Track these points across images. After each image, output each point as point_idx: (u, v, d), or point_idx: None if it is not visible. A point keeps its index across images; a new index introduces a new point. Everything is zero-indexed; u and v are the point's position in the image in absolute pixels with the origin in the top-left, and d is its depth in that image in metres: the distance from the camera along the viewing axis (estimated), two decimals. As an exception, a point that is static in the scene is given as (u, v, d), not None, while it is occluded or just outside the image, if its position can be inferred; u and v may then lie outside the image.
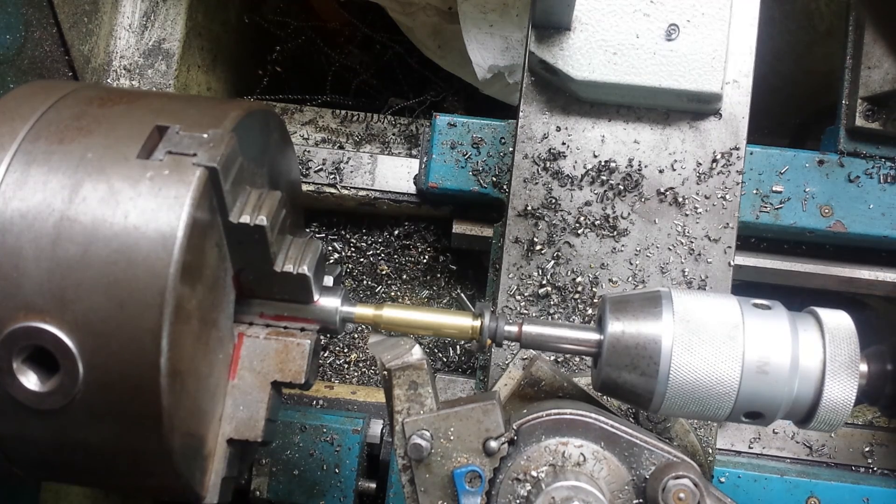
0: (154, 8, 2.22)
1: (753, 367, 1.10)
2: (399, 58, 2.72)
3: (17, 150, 1.07)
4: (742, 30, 1.51)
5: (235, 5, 2.69)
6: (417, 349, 1.21)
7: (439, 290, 2.40)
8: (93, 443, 1.08)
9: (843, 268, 2.05)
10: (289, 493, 1.95)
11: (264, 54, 2.59)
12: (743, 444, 2.08)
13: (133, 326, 0.99)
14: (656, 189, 1.53)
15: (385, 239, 2.39)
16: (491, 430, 1.17)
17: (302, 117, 2.29)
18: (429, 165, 2.04)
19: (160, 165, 1.04)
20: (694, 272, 1.51)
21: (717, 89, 1.46)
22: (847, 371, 1.11)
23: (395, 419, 1.19)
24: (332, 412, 2.06)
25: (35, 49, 1.85)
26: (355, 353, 2.35)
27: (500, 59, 2.28)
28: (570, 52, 1.46)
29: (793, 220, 1.94)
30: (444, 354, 2.35)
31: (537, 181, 1.55)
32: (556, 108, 1.55)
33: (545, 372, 1.36)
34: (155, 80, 2.21)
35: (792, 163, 1.95)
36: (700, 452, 1.45)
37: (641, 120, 1.54)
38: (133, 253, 1.00)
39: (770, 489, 1.89)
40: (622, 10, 1.46)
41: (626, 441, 1.19)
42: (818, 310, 1.16)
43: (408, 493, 1.19)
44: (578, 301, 1.53)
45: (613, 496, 1.17)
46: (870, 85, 1.92)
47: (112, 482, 1.27)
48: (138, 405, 1.02)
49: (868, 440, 2.06)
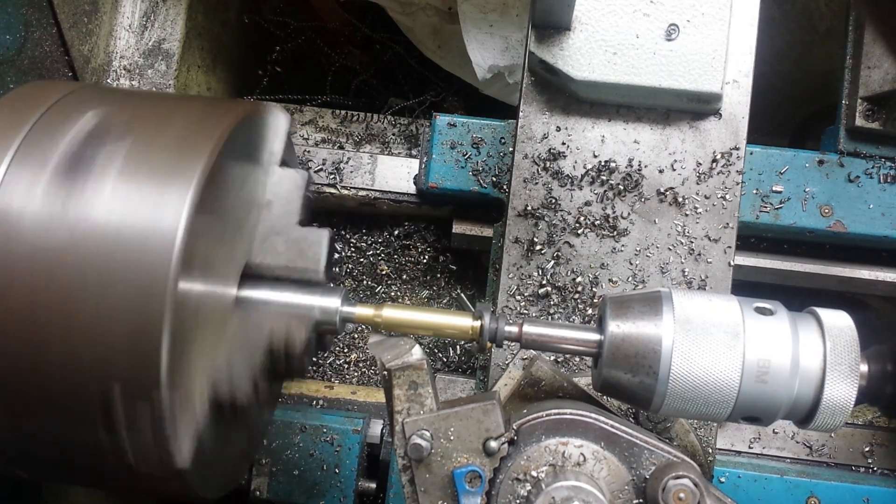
0: (154, 8, 2.22)
1: (754, 367, 1.10)
2: (399, 58, 2.72)
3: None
4: (742, 30, 1.51)
5: (235, 5, 2.69)
6: (417, 349, 1.21)
7: (439, 290, 2.40)
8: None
9: (843, 268, 2.05)
10: (289, 493, 1.95)
11: (264, 54, 2.58)
12: (743, 444, 2.08)
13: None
14: (656, 189, 1.53)
15: (385, 239, 2.39)
16: (491, 430, 1.17)
17: (302, 117, 2.29)
18: (429, 165, 2.04)
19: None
20: (694, 272, 1.51)
21: (717, 89, 1.46)
22: (847, 371, 1.11)
23: (395, 419, 1.19)
24: (332, 412, 2.06)
25: (35, 49, 1.85)
26: (355, 353, 2.35)
27: (500, 59, 2.28)
28: (570, 52, 1.46)
29: (793, 220, 1.94)
30: (444, 354, 2.35)
31: (537, 181, 1.55)
32: (556, 108, 1.55)
33: (545, 372, 1.36)
34: (155, 81, 2.21)
35: (792, 163, 1.95)
36: (700, 452, 1.45)
37: (641, 120, 1.54)
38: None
39: (770, 489, 1.89)
40: (622, 10, 1.46)
41: (626, 441, 1.19)
42: (818, 310, 1.16)
43: (408, 493, 1.19)
44: (578, 301, 1.53)
45: (613, 496, 1.17)
46: (870, 85, 1.92)
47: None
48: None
49: (868, 440, 2.06)
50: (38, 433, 1.10)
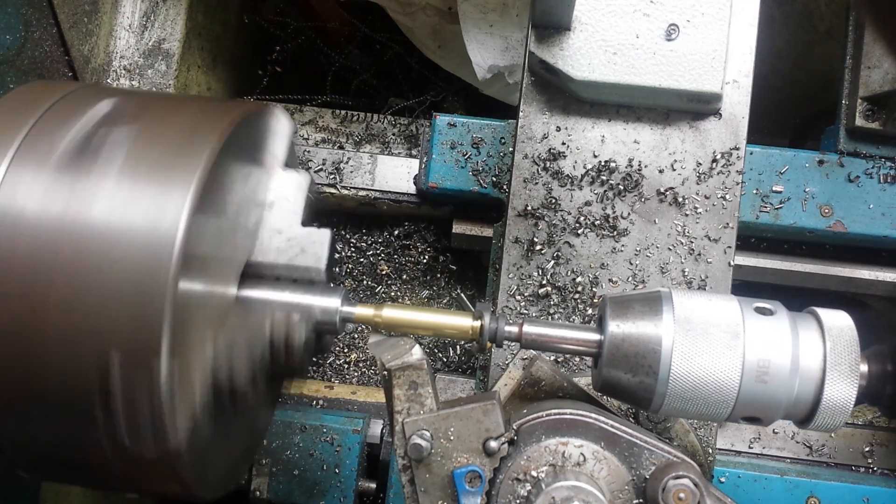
0: (154, 8, 2.22)
1: (754, 367, 1.10)
2: (399, 58, 2.72)
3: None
4: (742, 30, 1.51)
5: (235, 5, 2.69)
6: (417, 349, 1.21)
7: (439, 290, 2.40)
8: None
9: (843, 268, 2.05)
10: (289, 493, 1.95)
11: (264, 54, 2.58)
12: (743, 444, 2.08)
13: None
14: (656, 189, 1.53)
15: (385, 239, 2.39)
16: (491, 430, 1.17)
17: (302, 117, 2.29)
18: (429, 165, 2.04)
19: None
20: (694, 272, 1.51)
21: (717, 89, 1.46)
22: (847, 371, 1.11)
23: (395, 419, 1.19)
24: (332, 412, 2.06)
25: (35, 49, 1.85)
26: (355, 353, 2.35)
27: (500, 59, 2.28)
28: (570, 52, 1.46)
29: (793, 220, 1.94)
30: (444, 354, 2.35)
31: (537, 181, 1.55)
32: (556, 108, 1.55)
33: (545, 372, 1.36)
34: (155, 81, 2.21)
35: (792, 163, 1.95)
36: (700, 452, 1.45)
37: (641, 120, 1.54)
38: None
39: (770, 489, 1.89)
40: (622, 10, 1.46)
41: (626, 441, 1.19)
42: (818, 310, 1.16)
43: (408, 493, 1.19)
44: (578, 301, 1.53)
45: (613, 496, 1.17)
46: (870, 85, 1.92)
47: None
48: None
49: (868, 440, 2.06)
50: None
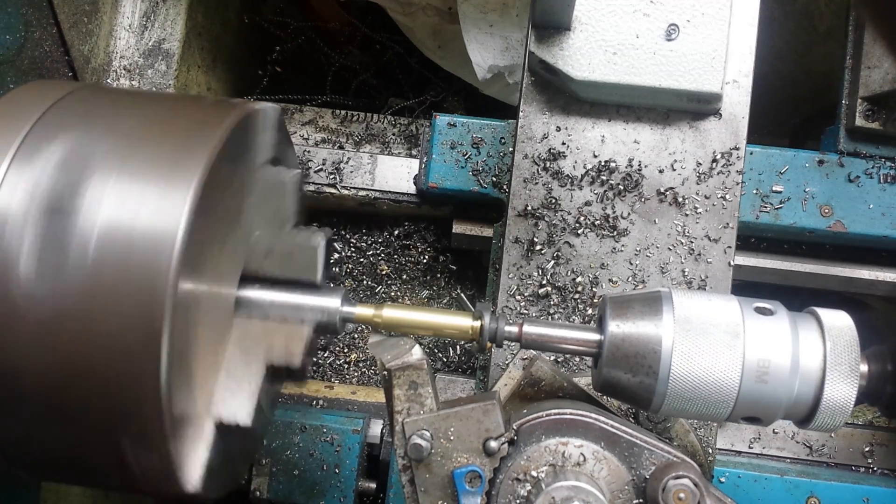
0: (154, 8, 2.22)
1: (753, 367, 1.10)
2: (399, 58, 2.72)
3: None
4: (742, 30, 1.51)
5: (235, 5, 2.69)
6: (417, 349, 1.21)
7: (439, 290, 2.40)
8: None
9: (843, 268, 2.05)
10: (289, 493, 1.95)
11: (264, 54, 2.58)
12: (743, 444, 2.08)
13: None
14: (656, 189, 1.53)
15: (385, 239, 2.39)
16: (491, 430, 1.17)
17: (302, 117, 2.29)
18: (429, 165, 2.04)
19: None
20: (694, 272, 1.51)
21: (717, 89, 1.46)
22: (847, 371, 1.11)
23: (395, 419, 1.19)
24: (332, 412, 2.06)
25: (35, 49, 1.85)
26: (355, 353, 2.35)
27: (500, 59, 2.28)
28: (569, 52, 1.46)
29: (793, 220, 1.94)
30: (444, 354, 2.35)
31: (537, 181, 1.55)
32: (556, 108, 1.55)
33: (545, 372, 1.36)
34: (155, 81, 2.21)
35: (792, 163, 1.95)
36: (700, 452, 1.45)
37: (641, 120, 1.54)
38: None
39: (770, 489, 1.89)
40: (622, 10, 1.46)
41: (626, 441, 1.19)
42: (818, 310, 1.16)
43: (408, 493, 1.19)
44: (578, 301, 1.53)
45: (613, 496, 1.17)
46: (870, 85, 1.92)
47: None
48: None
49: (868, 440, 2.06)
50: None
